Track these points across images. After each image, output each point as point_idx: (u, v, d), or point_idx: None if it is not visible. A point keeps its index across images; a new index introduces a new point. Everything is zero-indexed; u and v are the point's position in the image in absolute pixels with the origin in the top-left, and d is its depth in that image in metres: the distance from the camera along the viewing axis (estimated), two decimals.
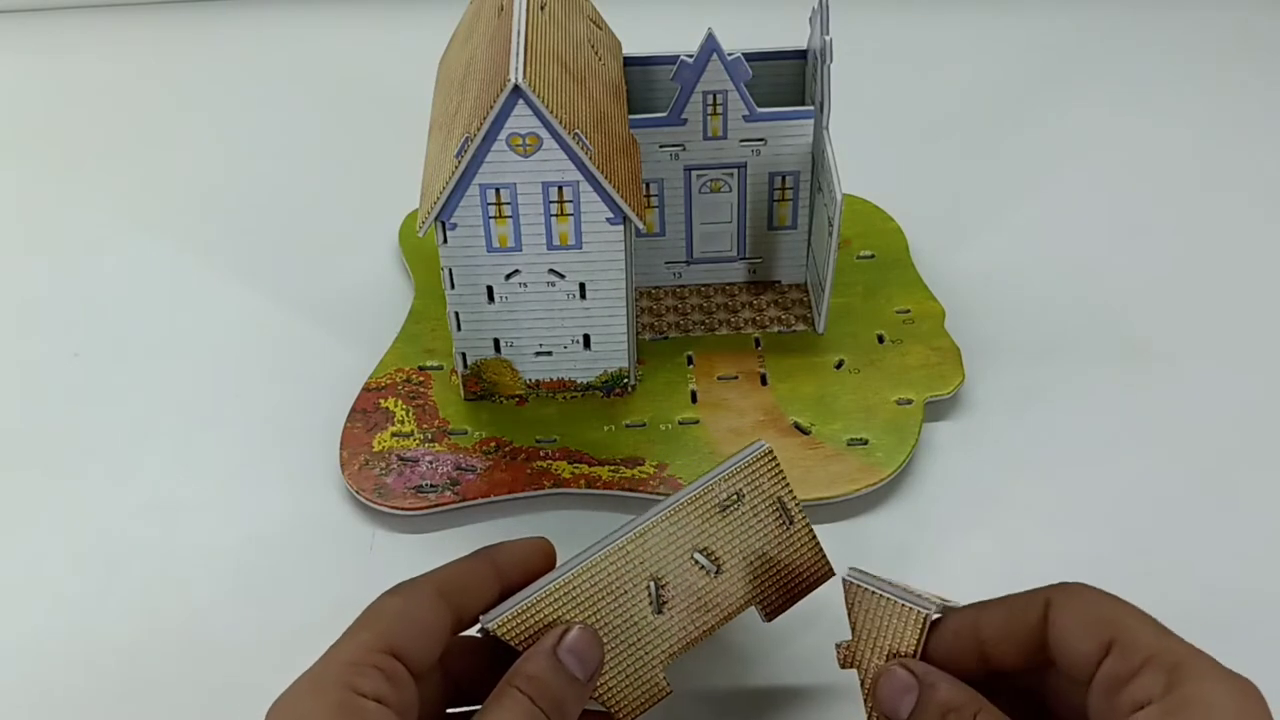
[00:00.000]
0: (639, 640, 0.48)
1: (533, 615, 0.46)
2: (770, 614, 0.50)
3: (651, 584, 0.48)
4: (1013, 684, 0.46)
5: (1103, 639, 0.42)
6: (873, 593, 0.46)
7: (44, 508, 0.62)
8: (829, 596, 0.50)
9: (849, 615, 0.47)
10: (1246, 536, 0.59)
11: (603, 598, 0.47)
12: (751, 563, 0.49)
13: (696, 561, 0.49)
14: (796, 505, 0.50)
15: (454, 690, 0.47)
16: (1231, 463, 0.62)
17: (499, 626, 0.46)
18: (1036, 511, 0.60)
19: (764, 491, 0.49)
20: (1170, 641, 0.42)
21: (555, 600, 0.47)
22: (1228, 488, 0.61)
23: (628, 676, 0.48)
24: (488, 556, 0.48)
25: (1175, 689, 0.40)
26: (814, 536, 0.50)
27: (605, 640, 0.47)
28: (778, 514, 0.50)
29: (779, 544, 0.50)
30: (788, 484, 0.50)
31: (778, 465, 0.49)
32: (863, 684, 0.47)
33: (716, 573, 0.49)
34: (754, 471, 0.49)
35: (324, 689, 0.42)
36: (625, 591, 0.48)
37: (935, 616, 0.46)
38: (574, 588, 0.47)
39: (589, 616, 0.47)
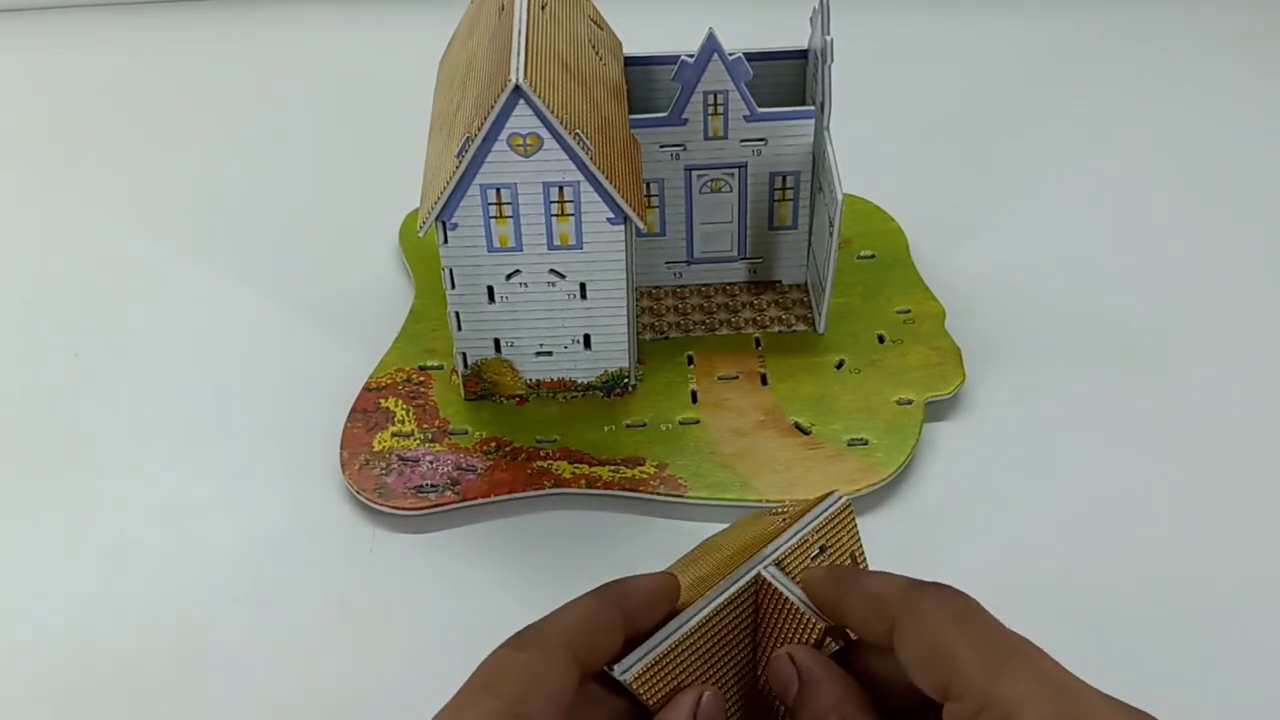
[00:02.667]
0: (744, 692, 0.46)
1: (665, 666, 0.44)
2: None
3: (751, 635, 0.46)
4: None
5: (938, 679, 0.38)
6: (779, 592, 0.45)
7: (44, 508, 0.61)
8: None
9: (759, 608, 0.45)
10: (1247, 536, 0.59)
11: (718, 649, 0.45)
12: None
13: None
14: (863, 557, 0.49)
15: None
16: (1231, 463, 0.62)
17: (635, 679, 0.43)
18: (1036, 512, 0.60)
19: (843, 545, 0.48)
20: (1005, 684, 0.37)
21: (684, 651, 0.44)
22: (1227, 488, 0.61)
23: None
24: (616, 601, 0.44)
25: None
26: None
27: (725, 694, 0.45)
28: (850, 566, 0.49)
29: None
30: (859, 537, 0.48)
31: (854, 518, 0.48)
32: (761, 677, 0.46)
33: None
34: (835, 526, 0.48)
35: None
36: (735, 642, 0.46)
37: (826, 628, 0.44)
38: (697, 638, 0.45)
39: (713, 668, 0.45)
